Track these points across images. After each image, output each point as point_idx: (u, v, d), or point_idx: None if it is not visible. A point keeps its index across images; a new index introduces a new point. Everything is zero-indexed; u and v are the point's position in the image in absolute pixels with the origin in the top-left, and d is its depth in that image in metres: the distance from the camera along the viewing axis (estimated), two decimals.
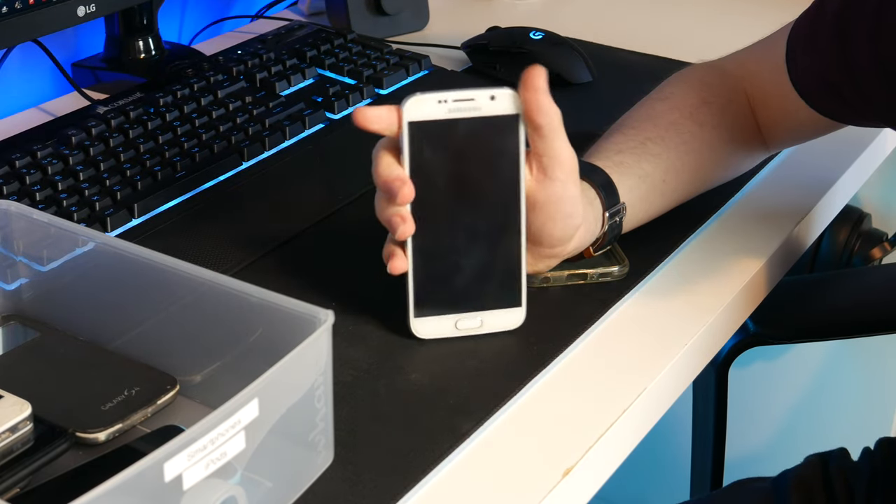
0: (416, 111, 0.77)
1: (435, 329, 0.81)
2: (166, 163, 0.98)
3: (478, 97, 0.77)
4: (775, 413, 1.79)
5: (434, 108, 0.77)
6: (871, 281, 1.34)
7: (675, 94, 0.95)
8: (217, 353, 0.73)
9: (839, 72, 0.87)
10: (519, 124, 0.78)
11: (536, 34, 1.23)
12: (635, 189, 0.88)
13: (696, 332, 0.84)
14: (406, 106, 0.77)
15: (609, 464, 0.76)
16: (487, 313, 0.81)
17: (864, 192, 1.62)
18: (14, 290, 0.80)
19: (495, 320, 0.81)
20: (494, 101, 0.77)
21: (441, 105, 0.77)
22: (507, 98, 0.77)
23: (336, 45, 1.22)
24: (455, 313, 0.80)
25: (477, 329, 0.81)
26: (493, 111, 0.77)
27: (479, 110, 0.77)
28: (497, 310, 0.81)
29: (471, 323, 0.81)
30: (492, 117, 0.77)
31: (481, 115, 0.77)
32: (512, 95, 0.77)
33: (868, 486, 1.08)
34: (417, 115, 0.77)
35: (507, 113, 0.77)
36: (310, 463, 0.68)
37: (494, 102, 0.77)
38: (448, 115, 0.77)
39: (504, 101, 0.77)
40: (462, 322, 0.81)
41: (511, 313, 0.81)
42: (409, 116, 0.77)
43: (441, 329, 0.81)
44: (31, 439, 0.68)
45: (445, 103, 0.77)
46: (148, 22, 1.22)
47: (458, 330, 0.81)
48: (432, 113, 0.77)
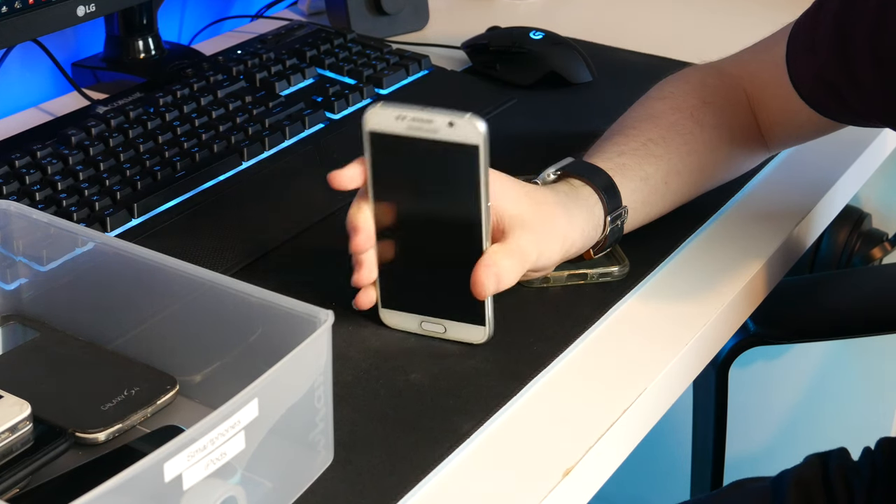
0: (375, 122, 0.76)
1: (400, 323, 0.81)
2: (166, 163, 0.98)
3: (436, 120, 0.74)
4: (775, 413, 1.79)
5: (392, 123, 0.75)
6: (871, 281, 1.34)
7: (674, 94, 0.95)
8: (217, 353, 0.73)
9: (839, 72, 0.87)
10: (479, 154, 0.74)
11: (536, 34, 1.23)
12: (637, 191, 0.88)
13: (696, 332, 0.84)
14: (366, 115, 0.76)
15: (609, 464, 0.76)
16: (450, 323, 0.80)
17: (864, 192, 1.62)
18: (14, 290, 0.80)
19: (458, 331, 0.80)
20: (453, 127, 0.74)
21: (399, 121, 0.75)
22: (466, 126, 0.74)
23: (336, 45, 1.22)
24: (419, 314, 0.81)
25: (440, 334, 0.81)
26: (451, 137, 0.74)
27: (437, 133, 0.74)
28: (460, 322, 0.80)
29: (434, 327, 0.81)
30: (449, 143, 0.74)
31: (439, 139, 0.74)
32: (473, 124, 0.73)
33: (868, 486, 1.08)
34: (376, 125, 0.76)
35: (466, 142, 0.74)
36: (310, 463, 0.68)
37: (453, 129, 0.74)
38: (406, 131, 0.75)
39: (463, 129, 0.74)
40: (426, 324, 0.81)
41: (474, 329, 0.80)
42: (368, 126, 0.76)
43: (406, 324, 0.81)
44: (31, 439, 0.68)
45: (404, 119, 0.75)
46: (148, 22, 1.22)
47: (423, 329, 0.81)
48: (390, 126, 0.75)
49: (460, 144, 0.74)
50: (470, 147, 0.74)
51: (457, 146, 0.74)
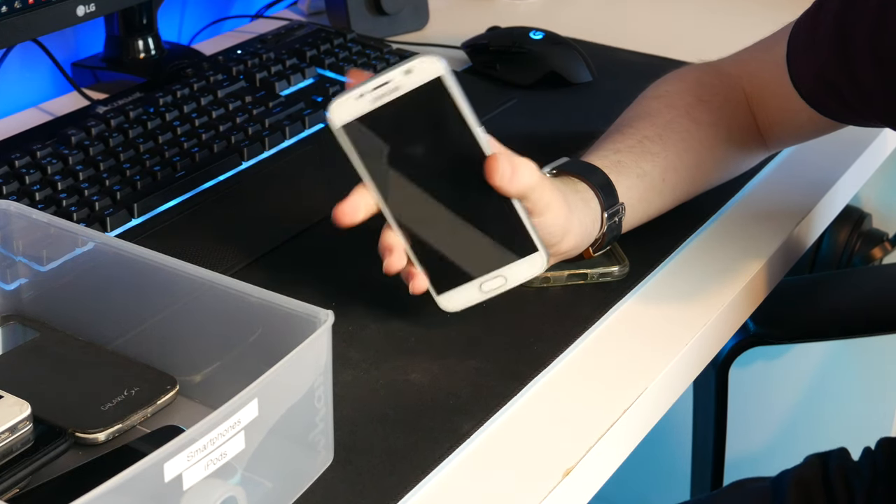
0: (340, 114, 0.75)
1: (461, 300, 0.79)
2: (166, 163, 0.98)
3: (394, 76, 0.74)
4: (775, 413, 1.79)
5: (357, 105, 0.75)
6: (871, 281, 1.34)
7: (670, 92, 0.95)
8: (217, 353, 0.73)
9: (839, 72, 0.87)
10: (446, 84, 0.75)
11: (536, 34, 1.23)
12: (634, 188, 0.88)
13: (697, 332, 0.84)
14: (329, 114, 0.75)
15: (609, 464, 0.76)
16: (506, 269, 0.78)
17: (864, 192, 1.62)
18: (14, 290, 0.80)
19: (517, 272, 0.78)
20: (411, 73, 0.74)
21: (361, 99, 0.75)
22: (423, 66, 0.74)
23: (336, 45, 1.22)
24: (475, 279, 0.79)
25: (503, 286, 0.79)
26: (414, 84, 0.74)
27: (400, 88, 0.74)
28: (513, 263, 0.78)
29: (495, 283, 0.78)
30: (415, 90, 0.75)
31: (405, 93, 0.75)
32: (427, 60, 0.74)
33: (868, 486, 1.08)
34: (344, 117, 0.75)
35: (428, 80, 0.74)
36: (310, 463, 0.68)
37: (412, 75, 0.74)
38: (373, 105, 0.75)
39: (421, 70, 0.74)
40: (486, 284, 0.79)
41: (531, 260, 0.78)
42: (336, 123, 0.75)
43: (467, 298, 0.79)
44: (31, 439, 0.68)
45: (365, 95, 0.75)
46: (148, 22, 1.22)
47: (485, 293, 0.79)
48: (358, 109, 0.75)
49: (425, 84, 0.74)
50: (435, 82, 0.74)
51: (423, 88, 0.75)
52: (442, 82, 0.75)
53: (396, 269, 0.78)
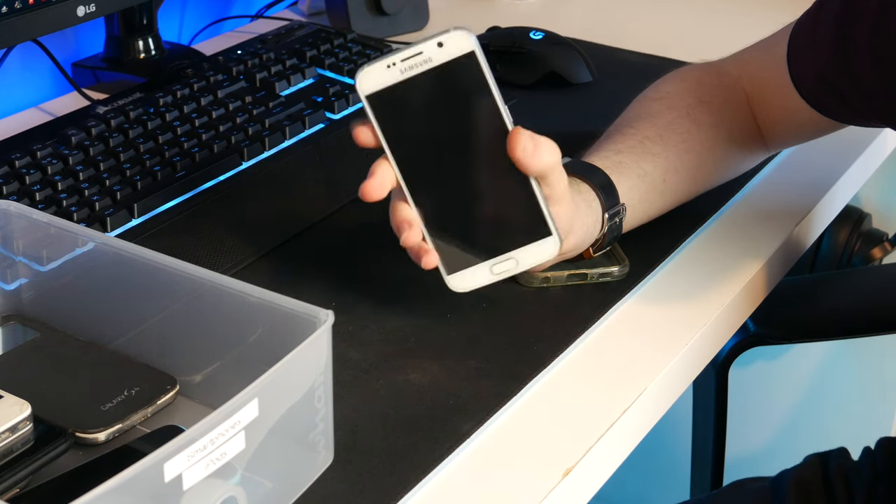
0: (368, 83, 0.75)
1: (471, 281, 0.79)
2: (166, 163, 0.98)
3: (426, 48, 0.74)
4: (775, 413, 1.79)
5: (386, 74, 0.74)
6: (871, 281, 1.34)
7: (671, 93, 0.95)
8: (217, 353, 0.73)
9: (839, 71, 0.87)
10: (477, 60, 0.75)
11: (536, 34, 1.23)
12: (635, 189, 0.88)
13: (697, 332, 0.84)
14: (357, 81, 0.75)
15: (609, 464, 0.76)
16: (519, 251, 0.78)
17: (864, 192, 1.62)
18: (14, 290, 0.80)
19: (529, 255, 0.78)
20: (443, 46, 0.74)
21: (391, 69, 0.74)
22: (455, 39, 0.74)
23: (336, 45, 1.22)
24: (486, 260, 0.78)
25: (513, 269, 0.78)
26: (445, 57, 0.74)
27: (432, 61, 0.74)
28: (527, 245, 0.78)
29: (506, 266, 0.78)
30: (446, 64, 0.74)
31: (435, 66, 0.74)
32: (459, 35, 0.74)
33: (868, 486, 1.08)
34: (371, 86, 0.75)
35: (461, 54, 0.74)
36: (310, 463, 0.69)
37: (444, 48, 0.74)
38: (402, 76, 0.74)
39: (453, 43, 0.74)
40: (497, 266, 0.78)
41: (543, 244, 0.78)
42: (363, 91, 0.75)
43: (478, 279, 0.79)
44: (31, 439, 0.68)
45: (395, 65, 0.74)
46: (148, 22, 1.22)
47: (495, 274, 0.78)
48: (386, 79, 0.74)
49: (457, 59, 0.74)
50: (467, 56, 0.74)
51: (455, 62, 0.74)
52: (473, 57, 0.75)
53: (415, 242, 0.78)
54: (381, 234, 0.80)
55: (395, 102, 0.75)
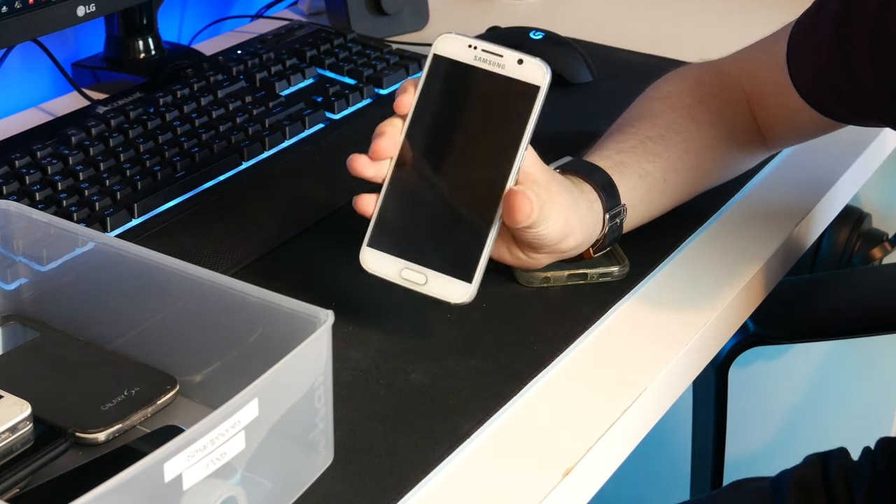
0: (444, 46, 0.77)
1: (380, 267, 0.78)
2: (166, 163, 0.98)
3: (506, 55, 0.76)
4: (775, 413, 1.79)
5: (462, 50, 0.77)
6: (871, 281, 1.34)
7: (671, 93, 0.95)
8: (217, 353, 0.73)
9: (839, 71, 0.87)
10: (537, 98, 0.76)
11: (536, 34, 1.23)
12: (636, 189, 0.88)
13: (696, 332, 0.84)
14: (438, 39, 0.77)
15: (609, 464, 0.76)
16: (434, 274, 0.77)
17: (864, 192, 1.62)
18: (14, 290, 0.80)
19: (438, 285, 0.77)
20: (521, 65, 0.76)
21: (470, 49, 0.76)
22: (534, 67, 0.76)
23: (336, 45, 1.22)
24: (403, 259, 0.78)
25: (419, 286, 0.78)
26: (516, 74, 0.76)
27: (503, 68, 0.76)
28: (444, 275, 0.77)
29: (415, 276, 0.78)
30: (513, 80, 0.76)
31: (503, 74, 0.76)
32: (540, 66, 0.76)
33: (868, 486, 1.08)
34: (445, 50, 0.77)
35: (529, 81, 0.76)
36: (310, 463, 0.68)
37: (521, 67, 0.76)
38: (472, 61, 0.76)
39: (531, 68, 0.76)
40: (407, 272, 0.78)
41: (457, 285, 0.77)
42: (437, 49, 0.77)
43: (386, 269, 0.78)
44: (31, 439, 0.68)
45: (474, 49, 0.76)
46: (148, 22, 1.22)
47: (401, 278, 0.78)
48: (459, 54, 0.77)
49: (524, 83, 0.76)
50: (532, 87, 0.76)
51: (519, 84, 0.76)
52: (537, 92, 0.76)
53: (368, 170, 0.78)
54: None
55: (449, 76, 0.77)
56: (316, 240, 0.93)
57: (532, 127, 0.77)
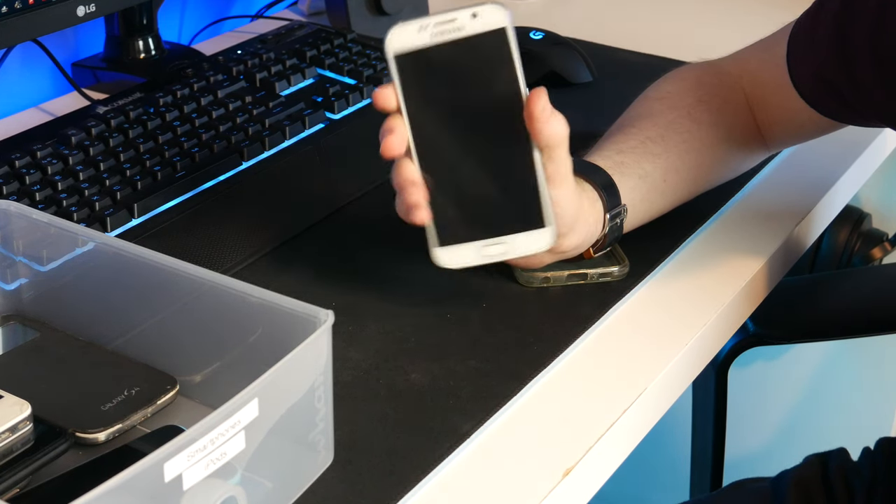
0: (398, 43, 0.75)
1: (459, 257, 0.78)
2: (166, 163, 0.98)
3: (459, 17, 0.74)
4: (775, 413, 1.79)
5: (416, 37, 0.75)
6: (871, 281, 1.34)
7: (671, 93, 0.95)
8: (217, 353, 0.73)
9: (839, 71, 0.87)
10: (507, 37, 0.75)
11: (536, 34, 1.23)
12: (636, 189, 0.88)
13: (696, 332, 0.84)
14: (388, 39, 0.75)
15: (609, 464, 0.76)
16: (512, 237, 0.77)
17: (864, 192, 1.62)
18: (14, 290, 0.80)
19: (521, 244, 0.77)
20: (477, 18, 0.74)
21: (423, 32, 0.75)
22: (490, 13, 0.74)
23: (336, 45, 1.22)
24: (478, 239, 0.77)
25: (504, 254, 0.78)
26: (477, 29, 0.75)
27: (463, 30, 0.75)
28: (521, 232, 0.77)
29: (496, 249, 0.77)
30: (477, 35, 0.75)
31: (466, 35, 0.75)
32: (495, 8, 0.74)
33: (868, 486, 1.08)
34: (401, 46, 0.75)
35: (492, 28, 0.75)
36: (310, 463, 0.69)
37: (477, 20, 0.74)
38: (432, 40, 0.75)
39: (487, 16, 0.74)
40: (487, 248, 0.77)
41: (537, 235, 0.77)
42: (392, 49, 0.75)
43: (466, 257, 0.78)
44: (31, 439, 0.68)
45: (427, 29, 0.75)
46: (148, 22, 1.22)
47: (484, 256, 0.78)
48: (416, 42, 0.75)
49: (488, 32, 0.74)
50: (498, 31, 0.74)
51: (485, 35, 0.75)
52: (503, 33, 0.75)
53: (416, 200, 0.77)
54: (382, 233, 0.80)
55: (420, 66, 0.75)
56: (316, 240, 0.93)
57: (519, 66, 0.75)
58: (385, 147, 0.76)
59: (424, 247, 0.78)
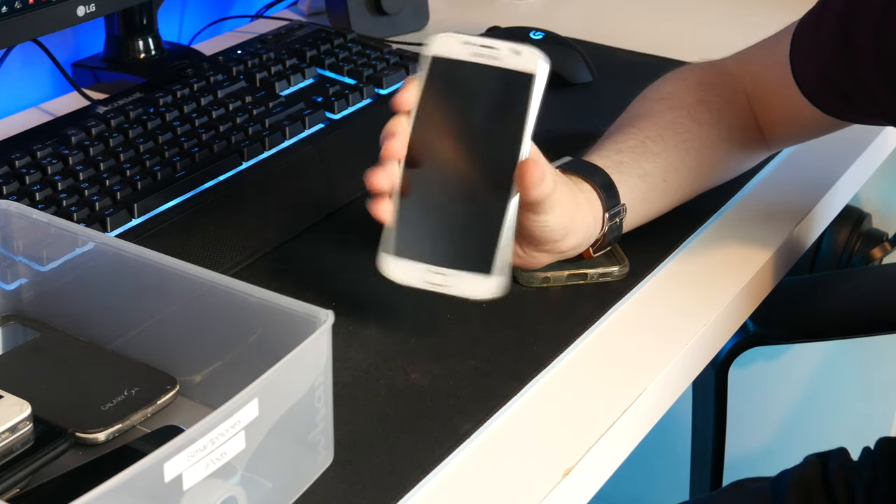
0: (440, 47, 0.78)
1: (403, 274, 0.78)
2: (166, 163, 0.98)
3: (502, 48, 0.77)
4: (775, 413, 1.79)
5: (458, 48, 0.77)
6: (871, 281, 1.34)
7: (672, 93, 0.95)
8: (217, 353, 0.73)
9: (843, 70, 0.87)
10: (533, 85, 0.77)
11: (536, 34, 1.23)
12: (635, 189, 0.88)
13: (696, 332, 0.84)
14: (432, 40, 0.78)
15: (609, 464, 0.76)
16: (457, 273, 0.77)
17: (864, 192, 1.62)
18: (14, 290, 0.80)
19: (464, 283, 0.77)
20: (517, 55, 0.77)
21: (466, 46, 0.77)
22: (529, 55, 0.77)
23: (336, 45, 1.22)
24: (426, 263, 0.77)
25: (443, 287, 0.77)
26: (512, 65, 0.77)
27: (500, 61, 0.77)
28: (467, 272, 0.77)
29: (439, 279, 0.77)
30: (509, 71, 0.77)
31: (500, 66, 0.77)
32: (535, 54, 0.77)
33: (868, 486, 1.08)
34: (441, 51, 0.78)
35: (524, 70, 0.77)
36: (310, 463, 0.69)
37: (516, 57, 0.77)
38: (469, 57, 0.77)
39: (526, 58, 0.77)
40: (431, 275, 0.77)
41: (481, 280, 0.77)
42: (433, 51, 0.78)
43: (409, 275, 0.77)
44: (31, 439, 0.68)
45: (470, 45, 0.77)
46: (148, 22, 1.22)
47: (426, 282, 0.77)
48: (455, 52, 0.77)
49: (520, 72, 0.77)
50: (529, 75, 0.77)
51: (516, 74, 0.77)
52: (532, 80, 0.77)
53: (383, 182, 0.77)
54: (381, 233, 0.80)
55: (448, 76, 0.78)
56: (316, 240, 0.93)
57: (533, 115, 0.77)
58: (387, 150, 0.77)
59: None
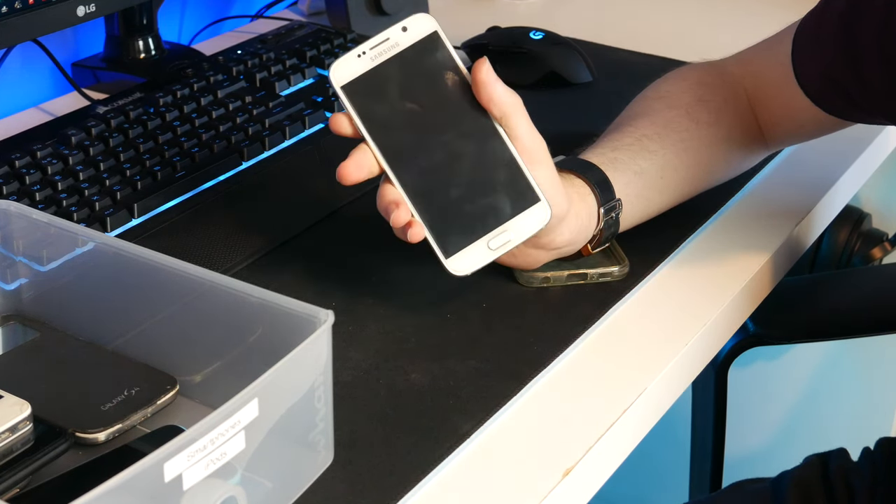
0: (342, 74, 0.77)
1: (470, 262, 0.78)
2: (166, 163, 0.98)
3: (391, 34, 0.78)
4: (775, 413, 1.79)
5: (358, 63, 0.78)
6: (871, 281, 1.34)
7: (671, 92, 0.95)
8: (217, 353, 0.73)
9: (845, 70, 0.87)
10: (440, 39, 0.79)
11: (536, 34, 1.23)
12: (631, 185, 0.88)
13: (696, 332, 0.84)
14: (331, 74, 0.77)
15: (609, 464, 0.76)
16: (511, 223, 0.78)
17: (865, 192, 1.62)
18: (14, 290, 0.80)
19: (523, 225, 0.78)
20: (407, 30, 0.78)
21: (362, 58, 0.78)
22: (417, 22, 0.78)
23: (336, 45, 1.22)
24: (481, 237, 0.78)
25: (510, 242, 0.79)
26: (411, 40, 0.78)
27: (399, 45, 0.78)
28: (519, 214, 0.78)
29: (501, 239, 0.78)
30: (413, 45, 0.78)
31: (403, 49, 0.78)
32: (420, 17, 0.78)
33: (868, 486, 1.08)
34: (345, 76, 0.77)
35: (424, 35, 0.78)
36: (310, 463, 0.69)
37: (408, 32, 0.78)
38: (373, 63, 0.78)
39: (416, 26, 0.78)
40: (493, 242, 0.78)
41: (535, 211, 0.78)
42: (338, 82, 0.77)
43: (476, 259, 0.78)
44: (31, 439, 0.68)
45: (365, 54, 0.78)
46: (148, 22, 1.22)
47: (493, 250, 0.79)
48: (358, 68, 0.78)
49: (422, 40, 0.78)
50: (430, 36, 0.79)
51: (420, 43, 0.78)
52: (436, 36, 0.79)
53: (405, 220, 0.78)
54: (382, 233, 0.80)
55: (370, 89, 0.78)
56: (316, 239, 0.93)
57: (459, 60, 0.79)
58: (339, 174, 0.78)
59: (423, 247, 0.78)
